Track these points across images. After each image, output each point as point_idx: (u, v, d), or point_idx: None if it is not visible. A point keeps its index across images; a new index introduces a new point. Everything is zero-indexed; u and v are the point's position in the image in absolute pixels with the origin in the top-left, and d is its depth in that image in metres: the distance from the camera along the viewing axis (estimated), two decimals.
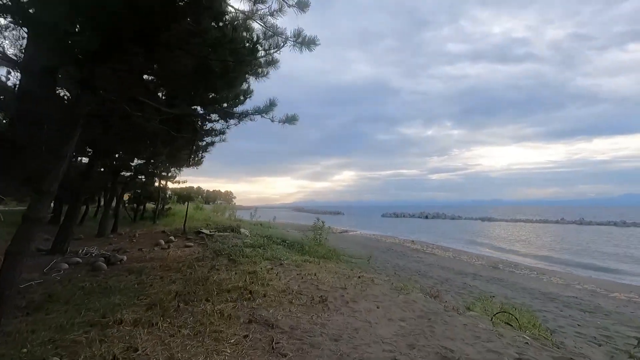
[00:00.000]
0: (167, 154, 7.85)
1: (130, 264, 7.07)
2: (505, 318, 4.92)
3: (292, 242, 11.42)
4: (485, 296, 7.93)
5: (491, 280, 10.57)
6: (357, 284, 5.29)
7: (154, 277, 5.80)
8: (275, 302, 4.12)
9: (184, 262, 7.01)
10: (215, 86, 3.97)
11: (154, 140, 5.85)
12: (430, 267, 12.50)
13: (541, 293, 9.22)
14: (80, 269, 6.38)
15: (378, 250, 16.99)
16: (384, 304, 4.25)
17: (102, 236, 12.05)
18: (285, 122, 4.34)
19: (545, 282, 11.92)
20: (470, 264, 15.55)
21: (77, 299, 4.29)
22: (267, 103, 4.29)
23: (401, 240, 24.90)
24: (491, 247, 23.71)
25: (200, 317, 3.59)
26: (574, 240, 27.85)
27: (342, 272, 6.38)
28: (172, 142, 6.09)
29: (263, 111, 4.32)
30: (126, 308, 3.99)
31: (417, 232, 33.95)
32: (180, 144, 6.01)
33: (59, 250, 7.93)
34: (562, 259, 18.75)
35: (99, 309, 3.96)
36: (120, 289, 4.86)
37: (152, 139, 5.77)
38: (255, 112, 4.43)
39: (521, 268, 15.26)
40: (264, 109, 4.30)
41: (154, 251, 8.82)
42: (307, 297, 4.38)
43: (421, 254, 17.55)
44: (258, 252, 8.18)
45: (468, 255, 18.85)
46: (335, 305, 4.08)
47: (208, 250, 8.68)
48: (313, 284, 5.10)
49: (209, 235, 11.90)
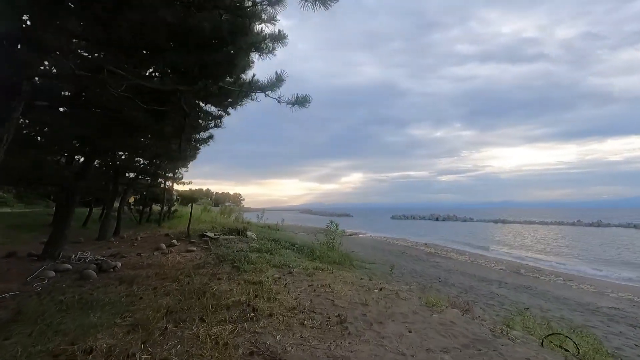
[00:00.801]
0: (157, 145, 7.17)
1: (124, 271, 6.42)
2: (559, 340, 4.11)
3: (302, 246, 10.68)
4: (518, 308, 7.08)
5: (519, 289, 9.66)
6: (380, 298, 4.52)
7: (147, 287, 5.11)
8: (283, 324, 3.37)
9: (182, 270, 6.33)
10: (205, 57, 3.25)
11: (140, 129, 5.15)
12: (450, 273, 11.63)
13: (577, 303, 8.31)
14: (67, 278, 5.74)
15: (391, 254, 16.15)
16: (416, 326, 3.47)
17: (103, 239, 11.48)
18: (295, 103, 3.56)
19: (576, 289, 10.96)
20: (490, 268, 14.62)
21: (49, 317, 3.61)
22: (271, 78, 3.54)
23: (414, 243, 23.96)
24: (508, 251, 22.66)
25: (190, 346, 2.87)
26: (594, 243, 26.60)
27: (359, 282, 5.60)
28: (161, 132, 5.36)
29: (268, 87, 3.55)
30: (104, 330, 3.29)
31: (428, 235, 32.93)
32: (169, 132, 5.29)
33: (50, 256, 7.31)
34: (585, 263, 17.69)
35: (71, 331, 3.28)
36: (104, 304, 4.17)
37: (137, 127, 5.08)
38: (258, 89, 3.68)
39: (545, 273, 14.28)
40: (269, 85, 3.53)
41: (153, 256, 8.16)
42: (322, 317, 3.62)
43: (437, 258, 16.65)
44: (265, 258, 7.47)
45: (486, 259, 17.89)
46: (357, 329, 3.32)
47: (211, 255, 7.99)
48: (328, 299, 4.34)
49: (213, 238, 11.23)
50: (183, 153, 5.98)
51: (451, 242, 26.62)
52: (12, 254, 7.66)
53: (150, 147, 9.30)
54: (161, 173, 16.44)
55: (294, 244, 11.25)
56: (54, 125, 5.73)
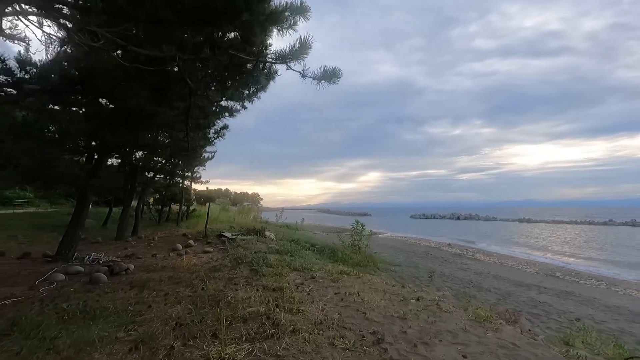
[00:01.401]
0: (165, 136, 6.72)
1: (137, 274, 6.04)
2: None
3: (322, 247, 10.16)
4: (568, 319, 6.31)
5: (561, 295, 8.79)
6: (419, 310, 3.90)
7: (158, 293, 4.69)
8: (309, 344, 2.83)
9: (198, 273, 5.90)
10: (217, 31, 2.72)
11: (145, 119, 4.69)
12: (481, 276, 10.81)
13: (632, 313, 7.40)
14: (77, 281, 5.39)
15: (415, 255, 15.39)
16: (471, 349, 2.85)
17: (120, 239, 11.31)
18: (323, 79, 3.00)
19: (625, 296, 9.94)
20: (523, 271, 13.65)
21: (45, 330, 3.19)
22: (294, 45, 2.94)
23: (437, 244, 23.01)
24: (538, 252, 21.40)
25: None
26: (632, 245, 24.84)
27: (391, 290, 4.99)
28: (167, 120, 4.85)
29: (291, 56, 2.98)
30: (103, 347, 2.85)
31: (450, 235, 31.76)
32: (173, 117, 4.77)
33: (63, 257, 7.06)
34: (625, 266, 16.36)
35: (66, 347, 2.85)
36: (109, 313, 3.74)
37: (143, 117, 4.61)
38: (278, 59, 3.12)
39: (584, 277, 13.19)
40: (291, 54, 2.95)
41: (168, 258, 7.81)
42: (355, 335, 3.06)
43: (464, 259, 15.76)
44: (284, 260, 6.97)
45: (515, 261, 16.86)
46: (398, 352, 2.74)
47: (228, 257, 7.56)
48: (359, 310, 3.77)
49: (230, 239, 10.84)
50: (192, 143, 5.48)
51: (476, 243, 25.49)
52: (26, 255, 7.47)
53: (164, 146, 8.98)
54: (178, 172, 16.27)
55: (314, 244, 10.74)
56: (61, 119, 5.42)
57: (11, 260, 7.10)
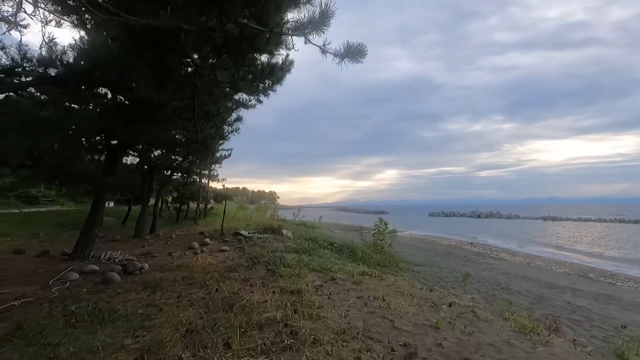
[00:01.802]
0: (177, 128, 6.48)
1: (151, 273, 5.88)
2: None
3: (341, 246, 9.82)
4: (612, 326, 5.74)
5: (599, 298, 8.14)
6: (453, 318, 3.50)
7: (171, 294, 4.47)
8: (333, 358, 2.50)
9: (212, 273, 5.68)
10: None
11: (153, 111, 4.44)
12: (509, 277, 10.21)
13: None
14: (90, 281, 5.26)
15: (437, 254, 14.83)
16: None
17: (138, 237, 11.32)
18: (346, 56, 2.63)
19: None
20: (553, 272, 12.88)
21: (50, 335, 2.99)
22: (313, 14, 2.57)
23: (458, 242, 22.27)
24: (566, 251, 20.33)
25: None
26: None
27: (419, 294, 4.60)
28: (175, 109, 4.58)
29: (311, 27, 2.59)
30: (106, 357, 2.61)
31: (472, 233, 30.76)
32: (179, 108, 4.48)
33: (79, 255, 7.00)
34: None
35: (69, 356, 2.62)
36: (118, 317, 3.53)
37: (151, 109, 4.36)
38: (296, 30, 2.76)
39: (620, 279, 12.31)
40: (312, 23, 2.57)
41: (184, 256, 7.65)
42: (383, 347, 2.71)
43: (488, 259, 15.09)
44: (302, 260, 6.67)
45: (543, 261, 16.01)
46: None
47: (244, 256, 7.33)
48: (385, 317, 3.41)
49: (247, 237, 10.65)
50: (201, 134, 5.19)
51: (499, 241, 24.55)
52: (45, 253, 7.46)
53: (180, 144, 8.82)
54: (195, 170, 16.27)
55: (332, 243, 10.42)
56: (75, 115, 5.28)
57: (30, 258, 7.09)
